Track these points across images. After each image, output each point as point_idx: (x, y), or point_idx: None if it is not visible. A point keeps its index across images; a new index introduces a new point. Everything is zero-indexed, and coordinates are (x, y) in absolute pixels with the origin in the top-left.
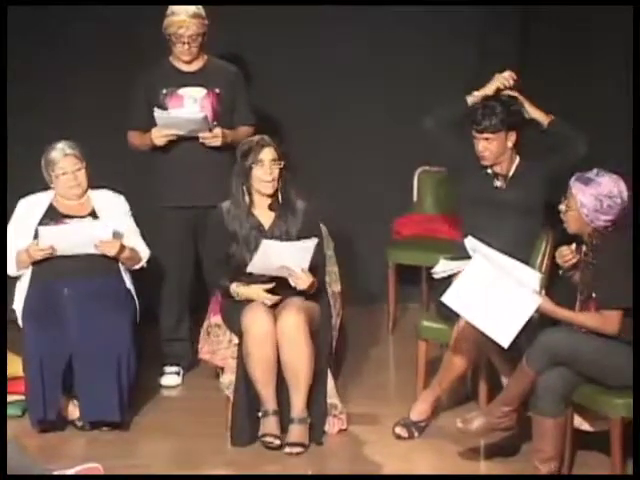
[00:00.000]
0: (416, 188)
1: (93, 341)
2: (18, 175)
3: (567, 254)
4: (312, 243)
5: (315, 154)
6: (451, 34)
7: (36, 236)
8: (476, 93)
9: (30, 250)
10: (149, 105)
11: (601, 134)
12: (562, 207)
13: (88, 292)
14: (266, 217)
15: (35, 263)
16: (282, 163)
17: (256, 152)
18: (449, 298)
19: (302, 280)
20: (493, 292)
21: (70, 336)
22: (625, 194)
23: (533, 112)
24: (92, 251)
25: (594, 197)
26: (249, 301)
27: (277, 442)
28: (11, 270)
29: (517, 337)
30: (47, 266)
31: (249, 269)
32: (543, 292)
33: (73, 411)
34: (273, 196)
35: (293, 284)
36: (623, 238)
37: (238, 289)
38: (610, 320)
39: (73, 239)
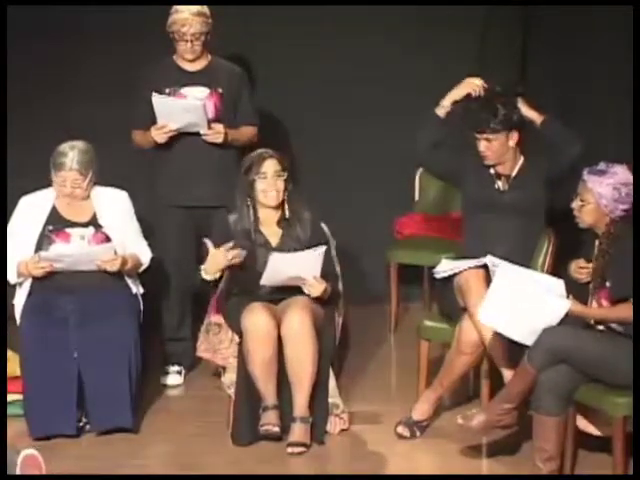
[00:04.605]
0: (417, 188)
1: (100, 350)
2: (18, 175)
3: (582, 271)
4: (320, 251)
5: (316, 153)
6: (451, 34)
7: (38, 245)
8: (444, 103)
9: (29, 266)
10: (152, 104)
11: (601, 134)
12: (575, 204)
13: (91, 304)
14: (273, 234)
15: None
16: (286, 174)
17: (258, 165)
18: (484, 317)
19: (315, 287)
20: (523, 303)
21: (74, 348)
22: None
23: (526, 111)
24: (93, 268)
25: (612, 187)
26: (249, 300)
27: (276, 429)
28: (11, 277)
29: None
30: (49, 279)
31: (262, 282)
32: (571, 296)
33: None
34: (278, 209)
35: (307, 291)
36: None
37: (203, 268)
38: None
39: (73, 260)
